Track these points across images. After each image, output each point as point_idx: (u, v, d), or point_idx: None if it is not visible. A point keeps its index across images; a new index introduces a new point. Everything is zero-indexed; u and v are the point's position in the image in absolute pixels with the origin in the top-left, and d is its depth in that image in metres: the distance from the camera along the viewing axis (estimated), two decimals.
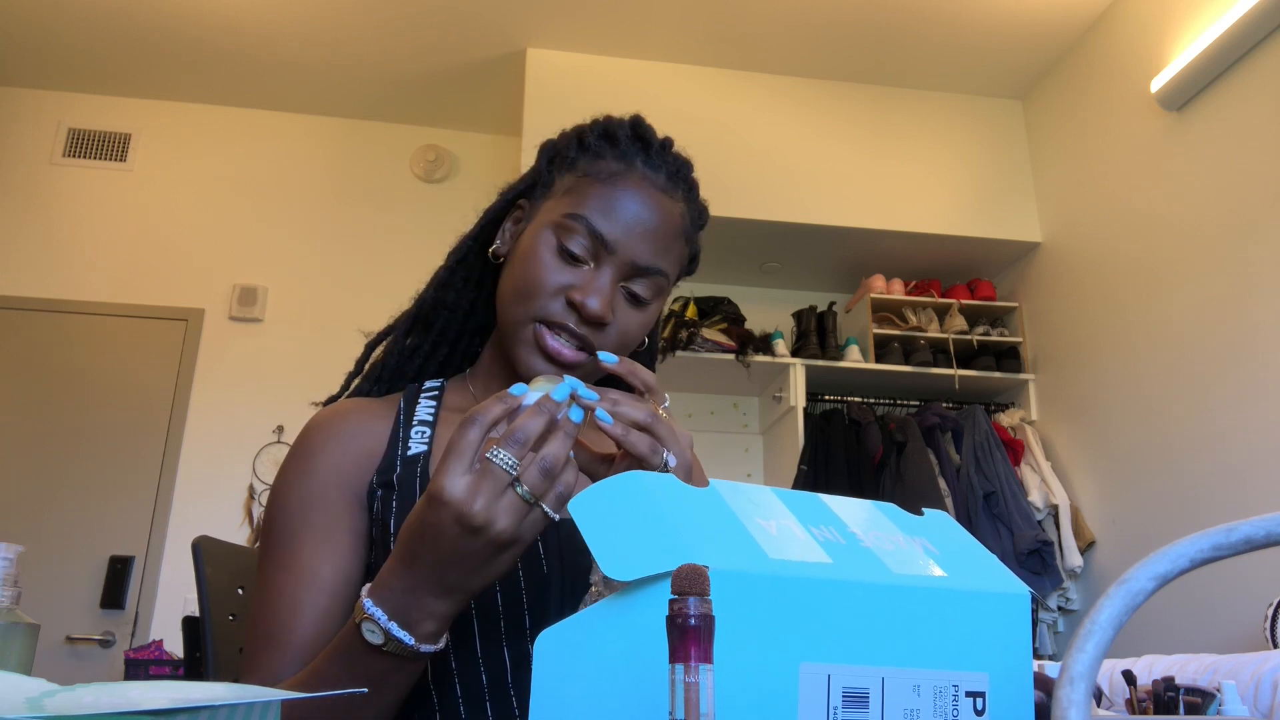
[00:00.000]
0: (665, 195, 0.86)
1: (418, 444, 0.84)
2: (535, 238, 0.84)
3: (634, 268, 0.83)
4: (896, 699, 0.43)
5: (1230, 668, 1.68)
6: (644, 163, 0.86)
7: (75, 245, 3.72)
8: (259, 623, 0.77)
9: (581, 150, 0.88)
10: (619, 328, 0.84)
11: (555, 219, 0.84)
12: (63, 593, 3.28)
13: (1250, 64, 2.73)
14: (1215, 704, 1.28)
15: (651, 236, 0.84)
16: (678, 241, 0.87)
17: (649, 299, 0.85)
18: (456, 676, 0.76)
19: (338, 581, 0.78)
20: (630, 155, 0.86)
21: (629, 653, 0.45)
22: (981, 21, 3.42)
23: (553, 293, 0.82)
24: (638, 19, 3.43)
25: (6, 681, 0.37)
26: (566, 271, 0.82)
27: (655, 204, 0.85)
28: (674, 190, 0.88)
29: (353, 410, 0.87)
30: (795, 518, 0.50)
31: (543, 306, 0.82)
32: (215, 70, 3.74)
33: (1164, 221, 3.02)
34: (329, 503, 0.80)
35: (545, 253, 0.83)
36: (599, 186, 0.84)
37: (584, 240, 0.82)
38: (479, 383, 0.93)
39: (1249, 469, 2.61)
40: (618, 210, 0.83)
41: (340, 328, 3.66)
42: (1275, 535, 0.38)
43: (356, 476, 0.82)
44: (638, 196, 0.84)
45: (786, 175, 3.56)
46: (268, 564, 0.79)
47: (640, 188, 0.84)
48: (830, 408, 3.67)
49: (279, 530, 0.80)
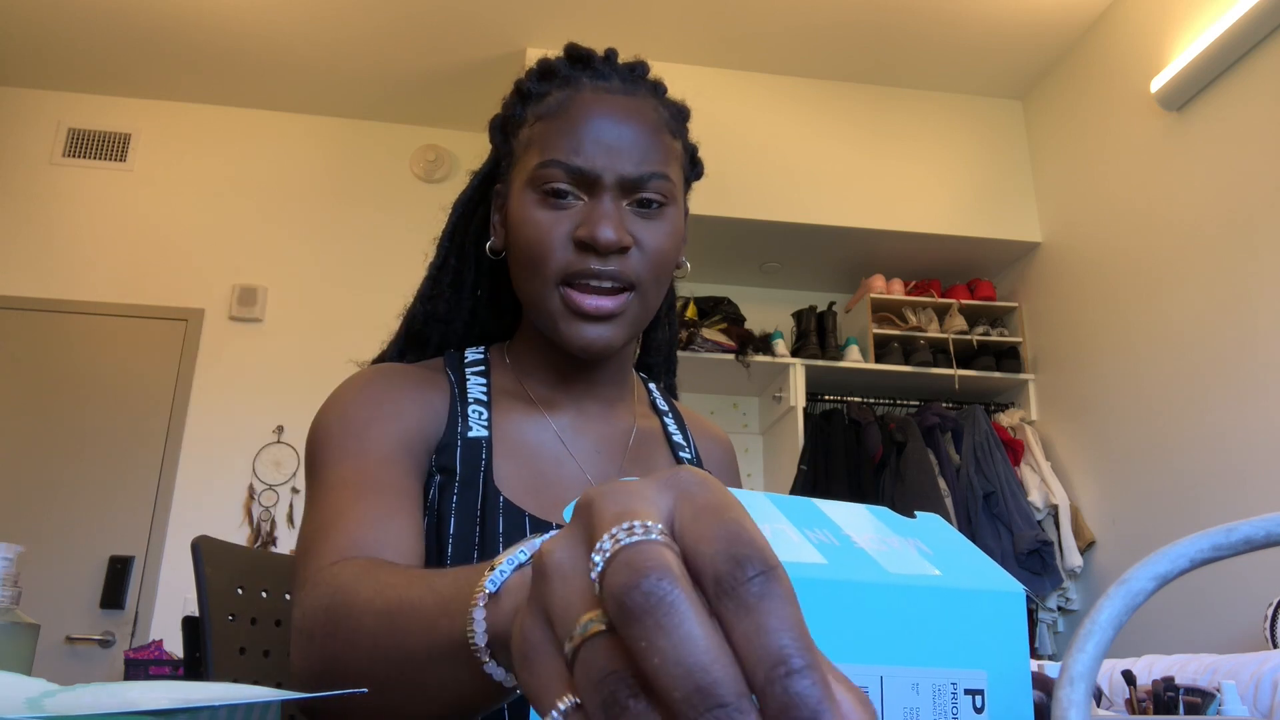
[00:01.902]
0: (625, 98, 0.78)
1: (478, 426, 0.78)
2: (519, 204, 0.78)
3: (626, 181, 0.75)
4: (895, 697, 0.43)
5: (1230, 668, 1.69)
6: (591, 78, 0.79)
7: (75, 245, 3.72)
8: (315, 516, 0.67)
9: (525, 100, 0.81)
10: (646, 246, 0.76)
11: (529, 177, 0.77)
12: (63, 593, 3.28)
13: (1250, 64, 2.73)
14: (1215, 704, 1.28)
15: (629, 144, 0.76)
16: (659, 137, 0.79)
17: (661, 202, 0.77)
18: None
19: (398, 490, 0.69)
20: (574, 78, 0.79)
21: None
22: (981, 21, 3.42)
23: (560, 245, 0.75)
24: (638, 19, 3.43)
25: (6, 681, 0.37)
26: (561, 218, 0.75)
27: (618, 109, 0.77)
28: (634, 90, 0.80)
29: (411, 370, 0.81)
30: (789, 521, 0.50)
31: (557, 264, 0.75)
32: (215, 70, 3.74)
33: (1164, 221, 3.02)
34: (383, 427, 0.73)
35: (532, 211, 0.76)
36: (555, 122, 0.76)
37: (564, 181, 0.75)
38: (519, 363, 0.86)
39: (1249, 469, 2.61)
40: (581, 134, 0.75)
41: (340, 328, 3.66)
42: (1275, 535, 0.38)
43: (421, 444, 0.75)
44: (596, 110, 0.76)
45: (786, 175, 3.56)
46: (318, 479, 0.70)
47: (595, 101, 0.77)
48: (830, 408, 3.67)
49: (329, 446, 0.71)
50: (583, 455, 0.84)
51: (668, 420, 0.93)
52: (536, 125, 0.78)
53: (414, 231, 4.49)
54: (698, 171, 0.90)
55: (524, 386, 0.85)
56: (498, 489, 0.75)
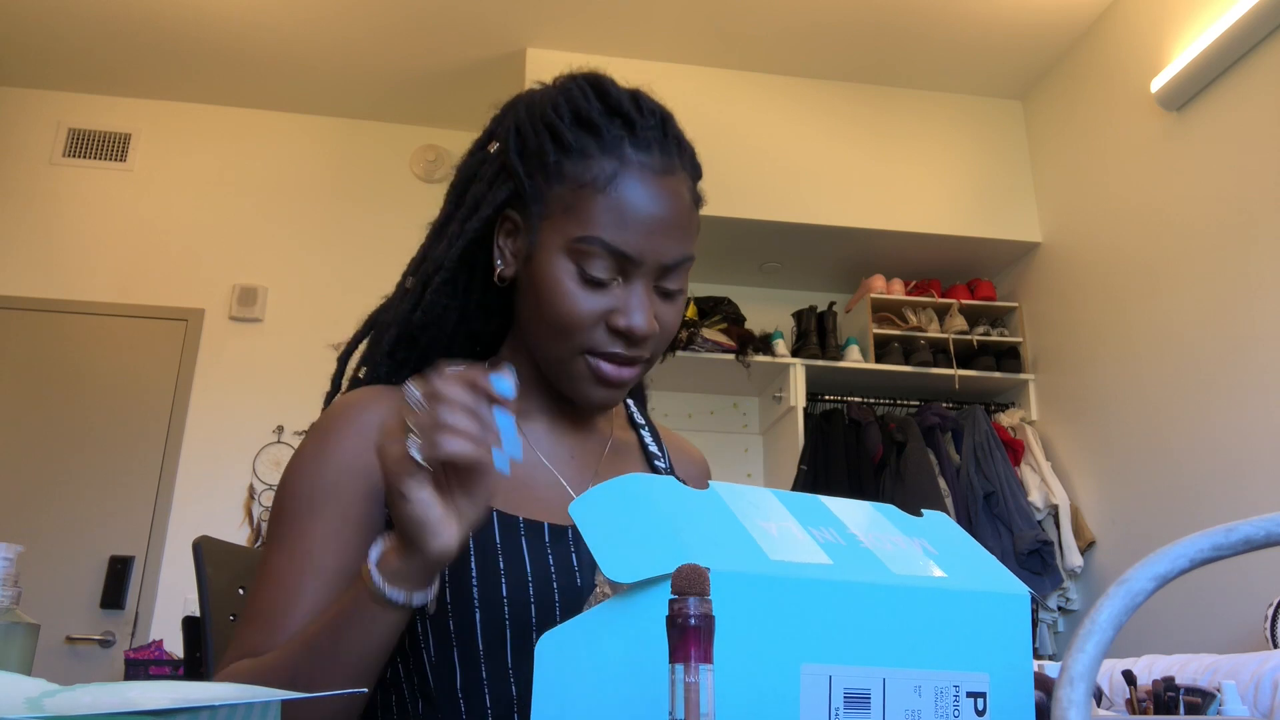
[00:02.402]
0: (667, 176, 0.80)
1: None
2: (551, 267, 0.78)
3: (662, 269, 0.79)
4: (898, 700, 0.43)
5: (1230, 668, 1.68)
6: (633, 146, 0.79)
7: (75, 245, 3.72)
8: (255, 599, 0.76)
9: (562, 151, 0.80)
10: (665, 325, 0.81)
11: (566, 244, 0.77)
12: (63, 593, 3.28)
13: (1250, 64, 2.73)
14: (1215, 704, 1.28)
15: (669, 229, 0.79)
16: (693, 216, 0.83)
17: (682, 287, 0.82)
18: (487, 686, 0.75)
19: (341, 569, 0.76)
20: (617, 144, 0.79)
21: (630, 653, 0.45)
22: (981, 21, 3.42)
23: (592, 323, 0.78)
24: (638, 19, 3.43)
25: (6, 681, 0.37)
26: (597, 298, 0.78)
27: (662, 192, 0.79)
28: (671, 163, 0.81)
29: (372, 399, 0.84)
30: (795, 519, 0.50)
31: (585, 339, 0.78)
32: (215, 70, 3.74)
33: (1164, 221, 3.02)
34: (340, 493, 0.78)
35: (569, 283, 0.77)
36: (600, 198, 0.77)
37: (604, 261, 0.77)
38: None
39: (1249, 469, 2.61)
40: (629, 218, 0.77)
41: (340, 328, 3.63)
42: (1275, 535, 0.38)
43: (375, 469, 0.79)
44: (643, 193, 0.77)
45: (786, 175, 3.56)
46: (273, 545, 0.78)
47: (642, 181, 0.78)
48: (830, 408, 3.67)
49: (287, 514, 0.78)
50: (557, 461, 0.87)
51: (644, 434, 0.98)
52: (580, 193, 0.78)
53: (414, 231, 4.47)
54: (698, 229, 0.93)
55: None
56: None
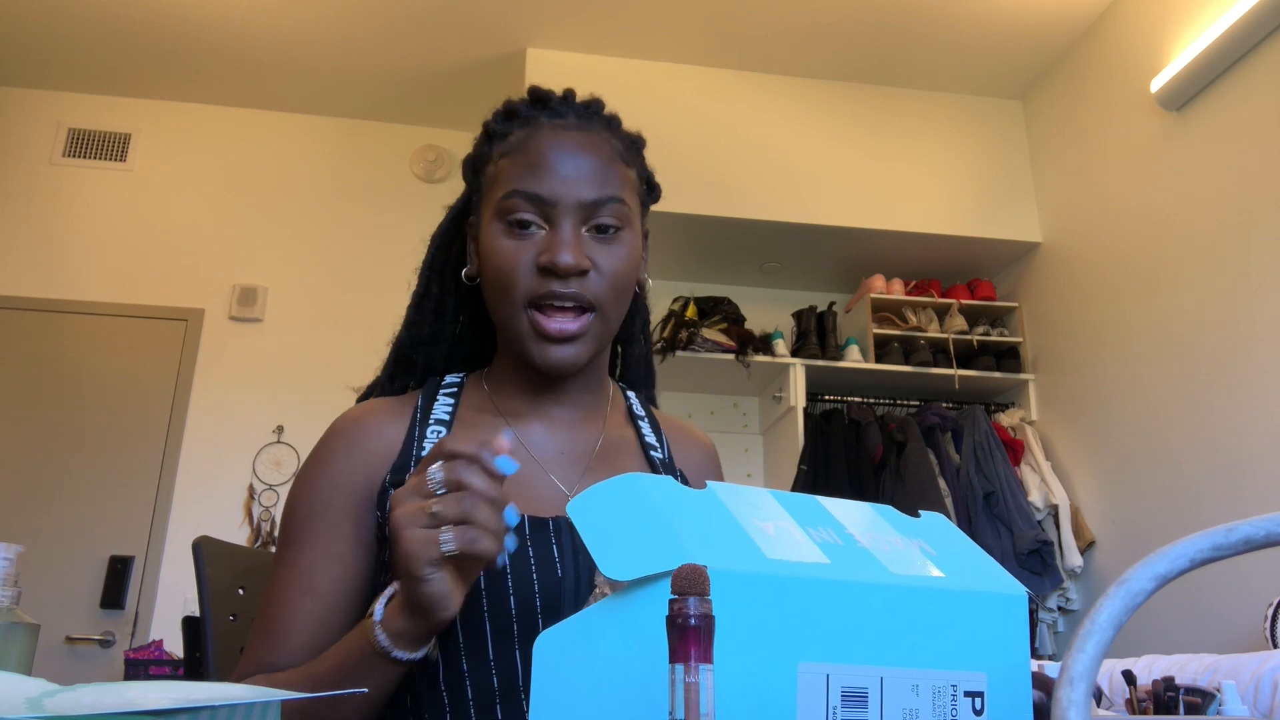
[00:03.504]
0: (580, 133, 0.85)
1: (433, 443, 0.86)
2: (487, 234, 0.85)
3: (583, 206, 0.83)
4: (895, 699, 0.43)
5: (1230, 668, 1.68)
6: (549, 116, 0.86)
7: (75, 245, 3.72)
8: (261, 616, 0.80)
9: (491, 140, 0.89)
10: (604, 268, 0.83)
11: (494, 208, 0.84)
12: (63, 593, 3.28)
13: (1250, 64, 2.73)
14: (1215, 704, 1.28)
15: (585, 173, 0.83)
16: (614, 166, 0.86)
17: (618, 226, 0.84)
18: (468, 678, 0.76)
19: (334, 590, 0.80)
20: (534, 118, 0.87)
21: (629, 653, 0.45)
22: (981, 21, 3.42)
23: (525, 271, 0.82)
24: (638, 19, 3.43)
25: (6, 681, 0.37)
26: (525, 246, 0.82)
27: (573, 143, 0.84)
28: (588, 125, 0.87)
29: (369, 413, 0.88)
30: (793, 519, 0.50)
31: (522, 288, 0.82)
32: (215, 70, 3.74)
33: (1164, 221, 3.02)
34: (333, 509, 0.82)
35: (499, 239, 0.83)
36: (516, 156, 0.84)
37: (526, 210, 0.82)
38: (494, 381, 0.93)
39: (1249, 469, 2.61)
40: (540, 166, 0.82)
41: (340, 328, 3.66)
42: (1275, 535, 0.38)
43: (368, 479, 0.84)
44: (552, 144, 0.83)
45: (786, 175, 3.56)
46: (277, 562, 0.83)
47: (552, 136, 0.84)
48: (830, 408, 3.67)
49: (287, 532, 0.83)
50: (547, 460, 0.89)
51: (643, 425, 0.99)
52: (501, 161, 0.86)
53: (414, 232, 4.48)
54: (655, 196, 0.96)
55: (494, 403, 0.91)
56: None
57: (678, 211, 3.27)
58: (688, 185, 3.36)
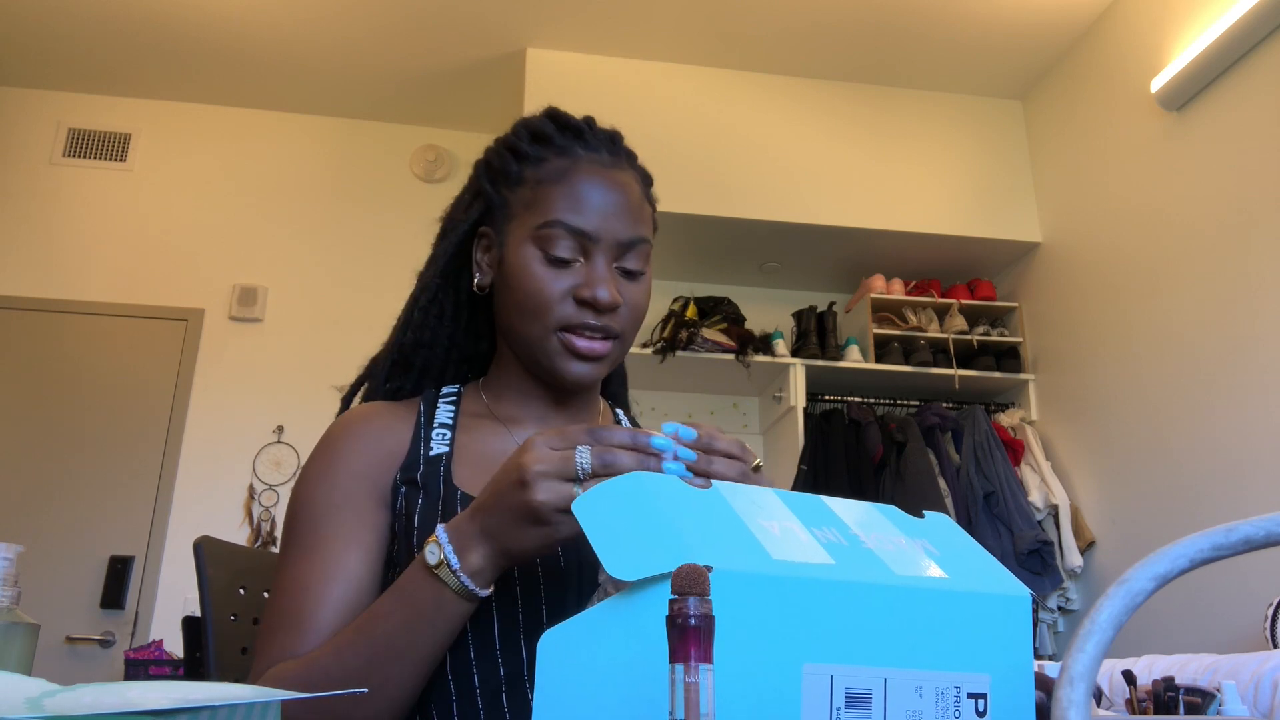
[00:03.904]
0: (616, 170, 0.90)
1: (439, 445, 0.88)
2: (519, 257, 0.87)
3: (619, 246, 0.87)
4: (899, 700, 0.43)
5: (1230, 668, 1.68)
6: (584, 149, 0.90)
7: (75, 245, 3.72)
8: (280, 603, 0.81)
9: (521, 160, 0.91)
10: (630, 303, 0.89)
11: (531, 233, 0.87)
12: (63, 593, 3.28)
13: (1250, 64, 2.73)
14: (1215, 704, 1.28)
15: (622, 212, 0.88)
16: (644, 206, 0.92)
17: (641, 268, 0.90)
18: (475, 668, 0.78)
19: (363, 574, 0.82)
20: (570, 147, 0.90)
21: (631, 652, 0.45)
22: (981, 21, 3.42)
23: (560, 299, 0.86)
24: (637, 19, 3.43)
25: (6, 681, 0.37)
26: (563, 275, 0.86)
27: (612, 182, 0.89)
28: (620, 163, 0.92)
29: (375, 413, 0.91)
30: (797, 519, 0.50)
31: (557, 315, 0.86)
32: (215, 70, 3.74)
33: (1164, 221, 3.02)
34: (355, 500, 0.84)
35: (536, 266, 0.86)
36: (558, 187, 0.87)
37: (566, 241, 0.86)
38: (492, 390, 0.96)
39: (1249, 469, 2.61)
40: (584, 201, 0.87)
41: (340, 328, 3.66)
42: (1275, 535, 0.38)
43: (381, 475, 0.86)
44: (595, 182, 0.88)
45: (786, 175, 3.56)
46: (292, 553, 0.83)
47: (593, 172, 0.88)
48: (830, 408, 3.67)
49: (304, 523, 0.84)
50: None
51: None
52: (539, 188, 0.89)
53: (414, 232, 4.50)
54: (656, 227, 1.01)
55: (492, 410, 0.94)
56: (457, 487, 0.85)
57: (678, 211, 3.27)
58: (688, 185, 3.36)
